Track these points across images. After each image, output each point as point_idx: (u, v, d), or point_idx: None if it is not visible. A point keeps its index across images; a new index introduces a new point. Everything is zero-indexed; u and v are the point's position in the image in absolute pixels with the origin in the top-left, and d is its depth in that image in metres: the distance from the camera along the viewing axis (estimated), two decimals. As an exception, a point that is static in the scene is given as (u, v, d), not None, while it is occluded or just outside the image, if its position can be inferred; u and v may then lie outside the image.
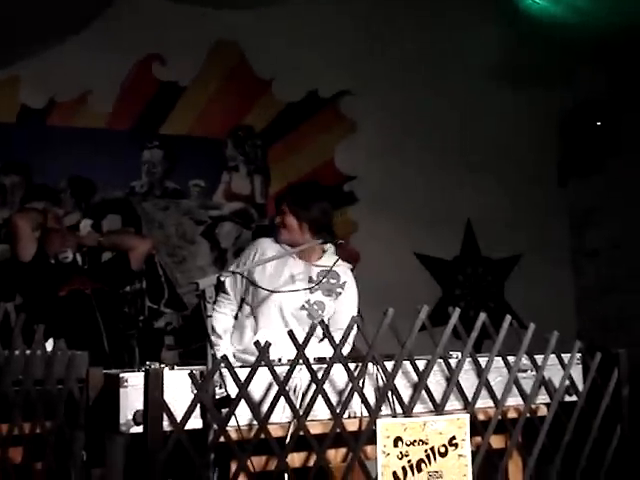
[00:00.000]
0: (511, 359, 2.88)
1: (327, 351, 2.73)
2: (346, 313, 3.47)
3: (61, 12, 4.82)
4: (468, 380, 2.84)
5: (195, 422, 2.49)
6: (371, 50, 5.81)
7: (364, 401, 2.61)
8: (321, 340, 3.22)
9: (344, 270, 3.58)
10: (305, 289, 3.46)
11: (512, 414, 2.91)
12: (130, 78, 5.21)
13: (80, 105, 5.09)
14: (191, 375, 2.45)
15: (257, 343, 2.48)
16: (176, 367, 2.56)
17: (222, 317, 3.49)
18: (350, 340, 3.48)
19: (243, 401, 2.47)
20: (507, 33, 5.90)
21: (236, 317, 3.54)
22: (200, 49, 5.40)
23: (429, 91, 5.97)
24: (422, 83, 5.95)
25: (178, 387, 2.48)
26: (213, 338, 3.42)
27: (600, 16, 5.42)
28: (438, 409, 2.72)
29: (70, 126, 5.07)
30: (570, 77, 6.18)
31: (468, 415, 2.73)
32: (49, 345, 2.78)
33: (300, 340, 2.52)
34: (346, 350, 3.33)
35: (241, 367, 2.58)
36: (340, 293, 3.54)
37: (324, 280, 3.46)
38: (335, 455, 2.67)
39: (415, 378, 2.73)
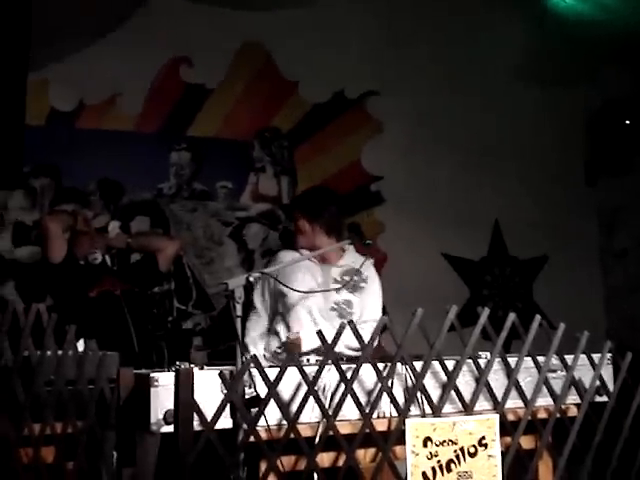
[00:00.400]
0: (541, 359, 2.87)
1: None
2: (371, 306, 3.63)
3: (91, 15, 4.88)
4: (497, 380, 2.83)
5: (225, 422, 2.50)
6: (397, 50, 5.80)
7: (393, 401, 2.60)
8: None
9: (366, 265, 3.64)
10: (333, 289, 3.50)
11: (542, 414, 2.89)
12: (158, 80, 5.24)
13: (109, 108, 5.13)
14: (221, 375, 2.46)
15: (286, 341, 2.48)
16: (205, 367, 2.58)
17: (256, 336, 3.58)
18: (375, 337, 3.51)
19: (272, 401, 2.48)
20: (533, 32, 5.88)
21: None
22: (227, 51, 5.42)
23: (455, 91, 5.95)
24: (448, 83, 5.94)
25: (208, 387, 2.50)
26: (248, 341, 3.49)
27: (626, 14, 5.38)
28: (467, 409, 2.71)
29: (99, 129, 5.11)
30: (595, 76, 6.14)
31: (498, 415, 2.72)
32: (80, 346, 2.81)
33: (329, 340, 2.53)
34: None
35: (270, 367, 2.59)
36: (363, 287, 3.62)
37: (348, 279, 3.55)
38: (364, 455, 2.67)
39: (444, 378, 2.72)
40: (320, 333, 2.53)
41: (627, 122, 6.07)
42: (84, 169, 5.04)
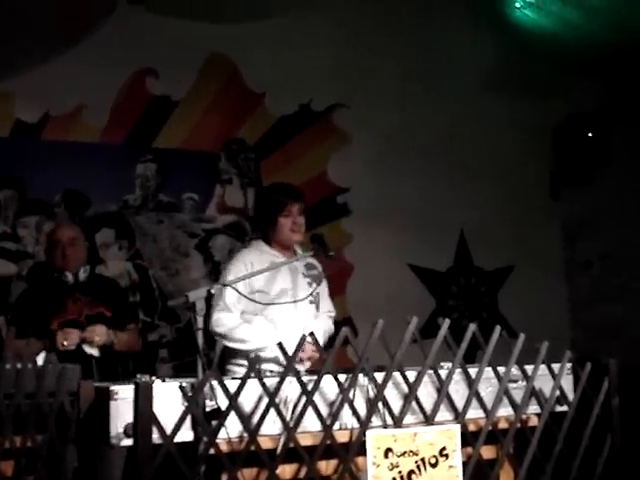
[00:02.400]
0: (501, 369, 2.89)
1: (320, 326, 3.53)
2: (326, 299, 3.92)
3: (57, 26, 4.86)
4: (459, 391, 2.85)
5: (186, 435, 2.49)
6: (365, 62, 5.83)
7: (354, 412, 2.61)
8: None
9: (314, 260, 3.89)
10: (307, 297, 3.71)
11: (503, 424, 2.92)
12: (124, 92, 5.22)
13: (74, 119, 5.09)
14: (181, 387, 2.45)
15: (247, 355, 2.48)
16: (168, 380, 2.57)
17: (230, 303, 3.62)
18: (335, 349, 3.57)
19: (234, 413, 2.48)
20: (500, 45, 5.95)
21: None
22: (193, 63, 5.41)
23: (422, 103, 5.99)
24: (415, 95, 5.98)
25: (169, 400, 2.49)
26: (221, 314, 3.51)
27: (590, 29, 5.46)
28: (429, 420, 2.72)
29: (64, 140, 5.07)
30: (562, 89, 6.21)
31: (459, 425, 2.74)
32: (40, 358, 2.79)
33: (289, 352, 2.53)
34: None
35: (232, 379, 2.59)
36: (322, 280, 3.84)
37: (308, 272, 3.78)
38: (326, 467, 2.67)
39: (406, 389, 2.74)
40: (280, 345, 2.54)
41: (589, 135, 6.15)
42: (49, 181, 5.00)
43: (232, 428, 2.51)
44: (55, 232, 4.10)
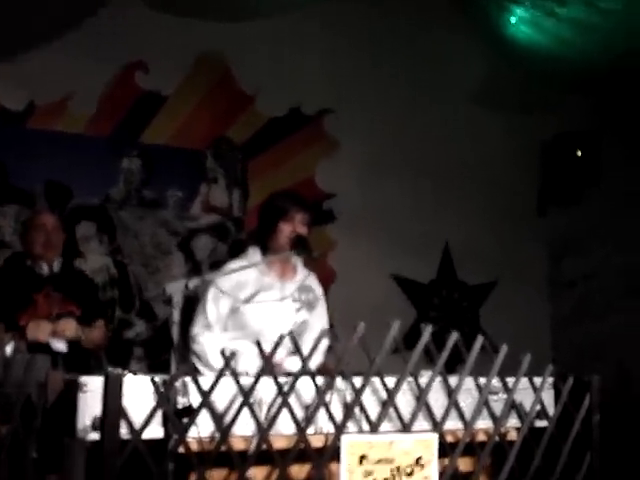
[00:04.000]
0: (482, 380, 2.84)
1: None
2: (321, 326, 3.55)
3: (45, 15, 4.79)
4: (438, 401, 2.79)
5: (156, 431, 2.42)
6: (357, 70, 5.80)
7: (330, 416, 2.55)
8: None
9: (315, 281, 3.61)
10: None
11: (481, 437, 2.86)
12: (112, 85, 5.16)
13: (60, 109, 5.02)
14: (152, 381, 2.38)
15: (222, 352, 2.41)
16: (139, 374, 2.50)
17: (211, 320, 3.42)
18: (320, 354, 3.46)
19: (206, 411, 2.41)
20: (493, 60, 5.93)
21: None
22: (184, 59, 5.36)
23: (412, 113, 5.97)
24: (406, 105, 5.95)
25: (140, 395, 2.42)
26: (200, 331, 3.38)
27: (584, 48, 5.45)
28: (406, 428, 2.66)
29: (49, 130, 5.00)
30: (552, 106, 6.20)
31: (436, 435, 2.68)
32: (9, 348, 2.72)
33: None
34: (315, 363, 3.30)
35: (206, 376, 2.52)
36: (315, 307, 3.57)
37: (304, 297, 3.49)
38: (299, 471, 2.60)
39: (384, 396, 2.67)
40: (258, 343, 2.47)
41: (579, 153, 6.13)
42: (32, 170, 4.93)
43: (204, 427, 2.44)
44: (33, 219, 4.01)
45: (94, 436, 2.34)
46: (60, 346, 3.81)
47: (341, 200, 5.82)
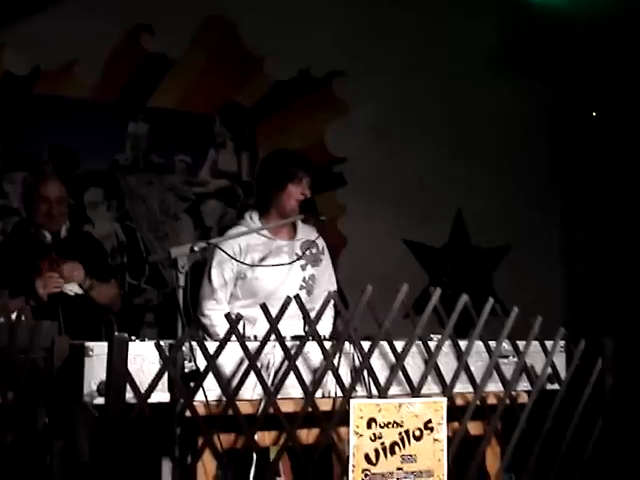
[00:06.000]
0: (492, 344, 2.80)
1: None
2: (329, 280, 3.56)
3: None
4: (448, 364, 2.76)
5: (163, 396, 2.40)
6: (368, 32, 5.70)
7: (338, 380, 2.52)
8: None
9: (316, 234, 3.55)
10: (291, 262, 3.39)
11: (492, 400, 2.83)
12: (118, 48, 5.07)
13: (66, 74, 4.94)
14: (157, 345, 2.35)
15: (228, 315, 2.38)
16: (146, 339, 2.48)
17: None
18: (330, 319, 3.43)
19: (212, 375, 2.38)
20: (504, 19, 5.83)
21: None
22: (191, 22, 5.26)
23: (424, 77, 5.87)
24: (418, 69, 5.85)
25: (147, 359, 2.40)
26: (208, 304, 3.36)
27: (596, 8, 5.35)
28: (415, 392, 2.63)
29: (55, 95, 4.94)
30: (565, 69, 6.10)
31: (445, 399, 2.65)
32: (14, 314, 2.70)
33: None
34: (327, 329, 3.28)
35: (213, 340, 2.50)
36: (322, 260, 3.54)
37: (307, 252, 3.44)
38: (307, 435, 2.58)
39: (393, 359, 2.64)
40: (264, 306, 2.44)
41: (594, 114, 6.03)
42: (38, 136, 4.87)
43: (211, 391, 2.42)
44: (39, 189, 3.97)
45: (100, 401, 2.33)
46: (74, 288, 3.79)
47: (351, 164, 5.75)
